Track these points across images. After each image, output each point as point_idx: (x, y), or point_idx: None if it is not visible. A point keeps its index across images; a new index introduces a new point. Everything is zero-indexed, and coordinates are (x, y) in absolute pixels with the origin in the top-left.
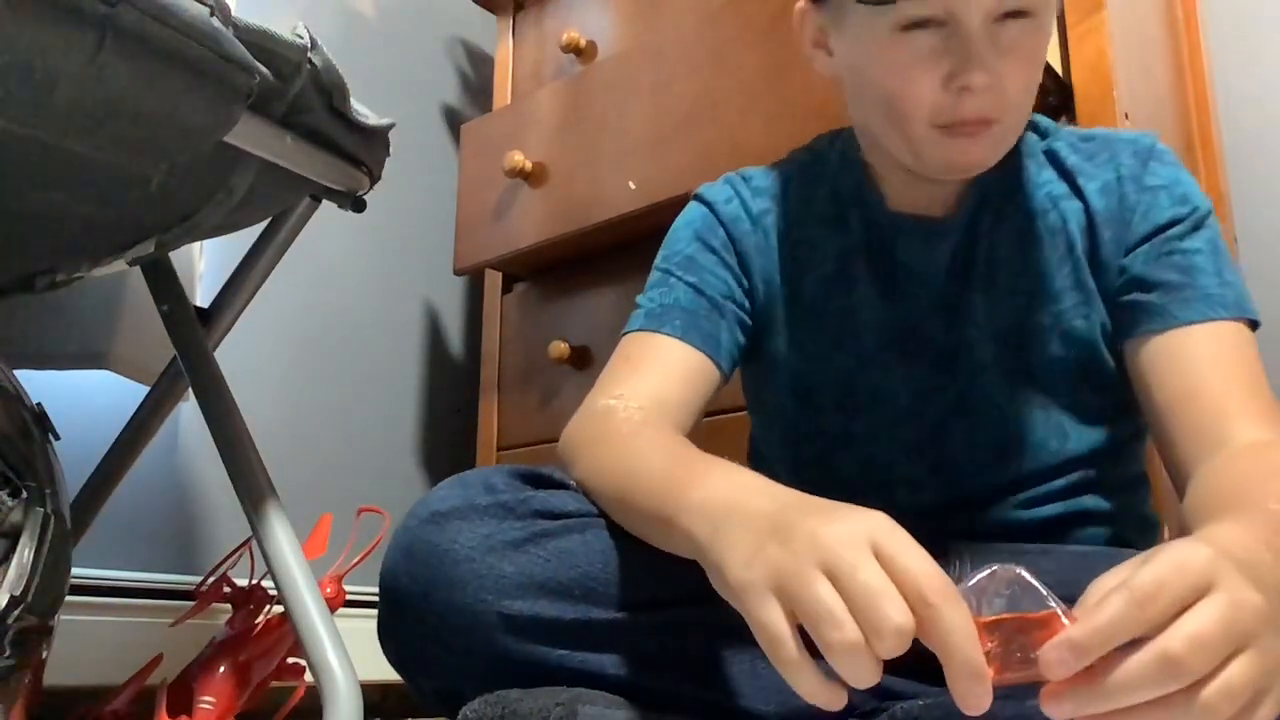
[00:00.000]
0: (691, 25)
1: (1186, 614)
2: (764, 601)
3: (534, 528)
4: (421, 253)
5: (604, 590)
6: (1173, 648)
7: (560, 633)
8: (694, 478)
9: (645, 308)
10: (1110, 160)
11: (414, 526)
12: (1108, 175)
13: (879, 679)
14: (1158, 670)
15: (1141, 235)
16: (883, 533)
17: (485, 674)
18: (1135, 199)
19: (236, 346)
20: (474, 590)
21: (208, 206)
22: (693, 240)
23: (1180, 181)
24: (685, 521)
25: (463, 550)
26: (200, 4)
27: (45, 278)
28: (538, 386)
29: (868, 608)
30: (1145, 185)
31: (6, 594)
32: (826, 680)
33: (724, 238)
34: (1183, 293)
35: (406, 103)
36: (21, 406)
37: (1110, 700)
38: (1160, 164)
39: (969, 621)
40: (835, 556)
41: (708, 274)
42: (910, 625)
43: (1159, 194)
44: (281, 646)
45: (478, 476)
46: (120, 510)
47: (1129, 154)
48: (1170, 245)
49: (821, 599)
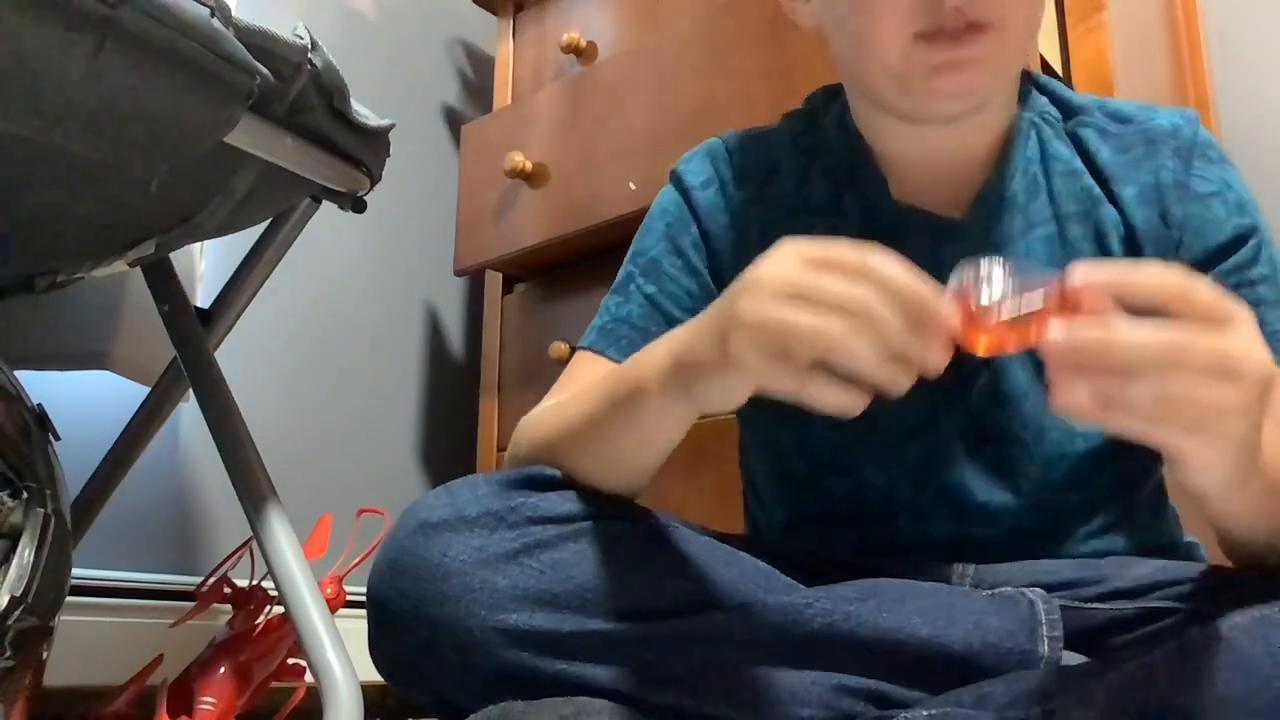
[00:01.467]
0: (691, 26)
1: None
2: (762, 365)
3: (527, 538)
4: (422, 253)
5: (600, 601)
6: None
7: (557, 645)
8: (639, 359)
9: (600, 320)
10: (1148, 159)
11: (402, 538)
12: (1145, 179)
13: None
14: (1167, 339)
15: (1199, 256)
16: (799, 249)
17: (481, 687)
18: (1183, 213)
19: (237, 347)
20: (467, 604)
21: (208, 207)
22: (662, 238)
23: (1232, 185)
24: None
25: (454, 563)
26: (201, 5)
27: (46, 278)
28: (538, 387)
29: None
30: (1193, 193)
31: (7, 594)
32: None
33: (696, 235)
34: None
35: (407, 103)
36: (22, 407)
37: (1111, 332)
38: (1207, 162)
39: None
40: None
41: (669, 281)
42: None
43: (1211, 203)
44: (282, 647)
45: (466, 485)
46: (121, 511)
47: (1169, 152)
48: (1237, 276)
49: (797, 319)
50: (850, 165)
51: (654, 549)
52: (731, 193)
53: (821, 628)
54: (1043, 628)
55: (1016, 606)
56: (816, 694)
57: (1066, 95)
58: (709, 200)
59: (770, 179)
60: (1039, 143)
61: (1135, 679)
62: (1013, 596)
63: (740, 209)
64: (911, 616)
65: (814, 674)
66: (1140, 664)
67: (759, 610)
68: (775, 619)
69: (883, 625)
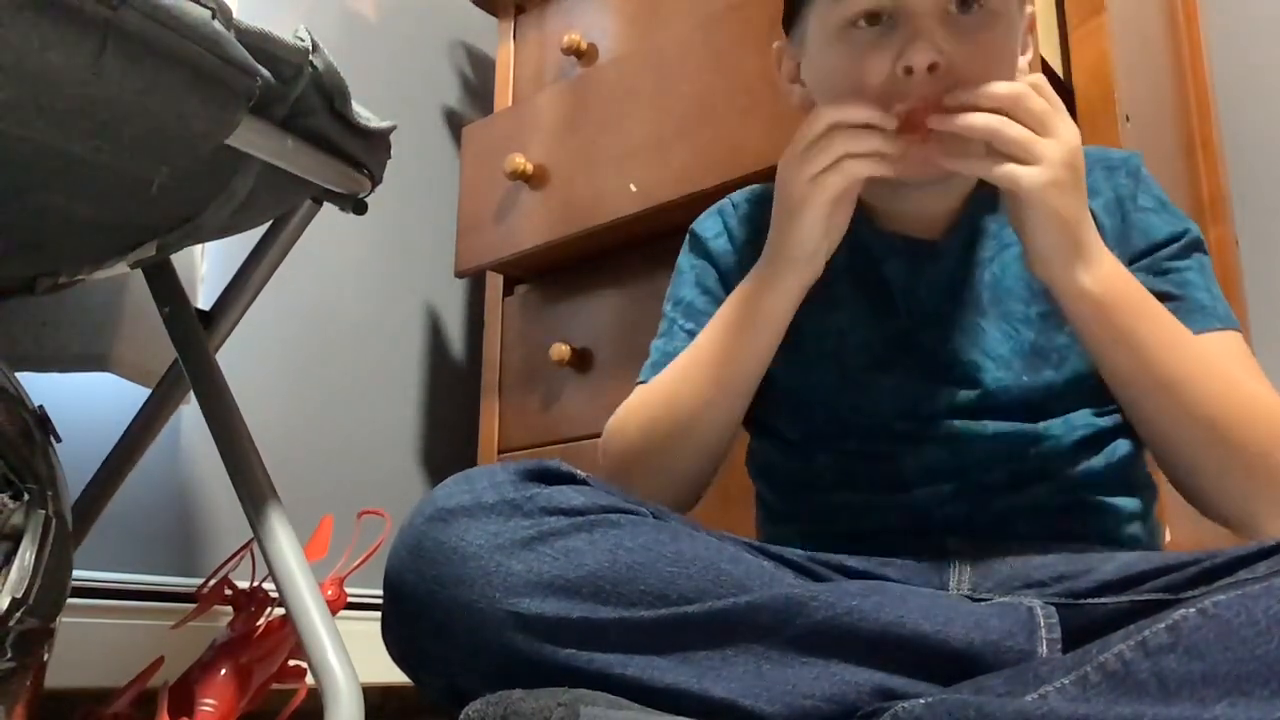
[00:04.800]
0: (692, 28)
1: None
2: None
3: (542, 526)
4: (422, 255)
5: (611, 589)
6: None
7: (567, 631)
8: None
9: (652, 358)
10: (1108, 178)
11: (420, 524)
12: (1108, 194)
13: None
14: (1009, 89)
15: (1140, 251)
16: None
17: (491, 672)
18: (1135, 217)
19: (238, 349)
20: (481, 588)
21: (209, 209)
22: (691, 285)
23: (1167, 206)
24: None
25: (470, 548)
26: (202, 7)
27: (47, 280)
28: (539, 389)
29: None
30: (1140, 205)
31: (8, 596)
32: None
33: (715, 277)
34: (1182, 304)
35: (408, 105)
36: (23, 409)
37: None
38: (1148, 185)
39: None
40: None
41: (705, 317)
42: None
43: (1151, 215)
44: (283, 649)
45: (484, 473)
46: (122, 512)
47: (1123, 174)
48: (1167, 264)
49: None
50: None
51: (664, 542)
52: (739, 242)
53: (824, 620)
54: (1041, 629)
55: (1015, 611)
56: (819, 686)
57: None
58: (721, 248)
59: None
60: None
61: (1128, 658)
62: (1011, 604)
63: (745, 254)
64: (913, 612)
65: (817, 666)
66: (1132, 644)
67: (763, 602)
68: (779, 611)
69: (884, 619)
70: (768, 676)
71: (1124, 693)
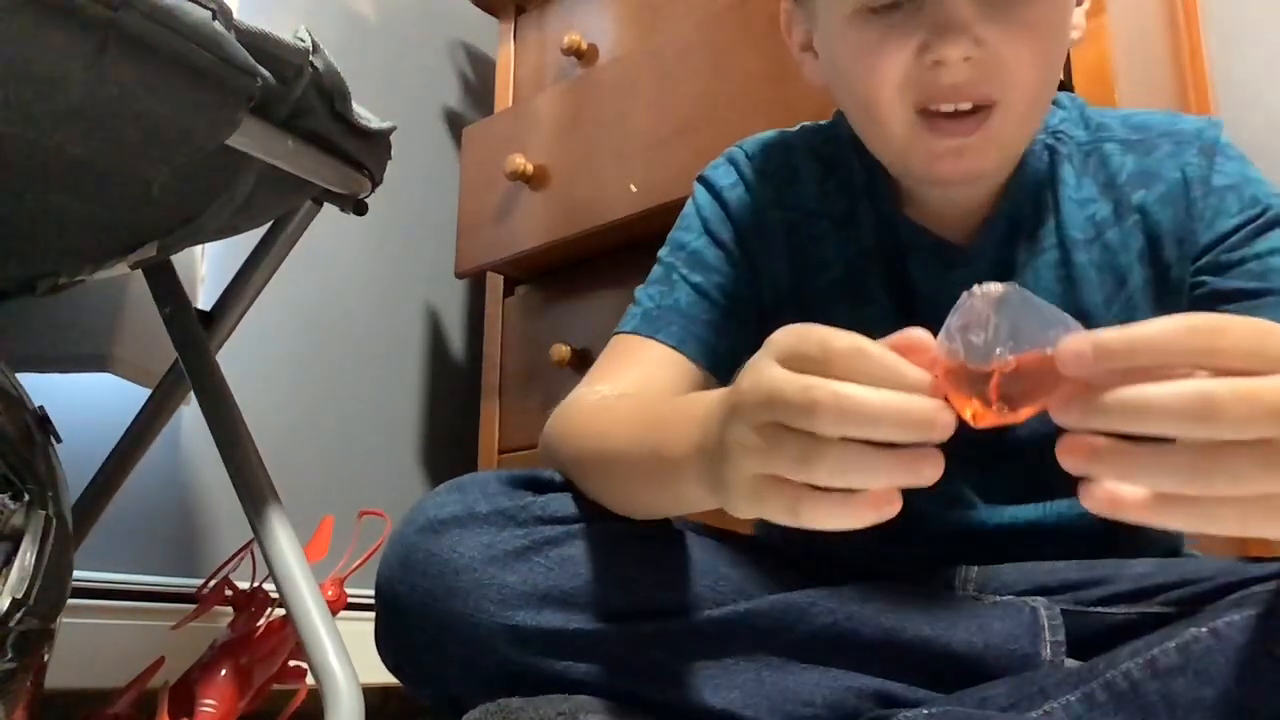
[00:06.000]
0: (693, 28)
1: (1248, 376)
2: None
3: (536, 535)
4: (423, 256)
5: (608, 599)
6: (1218, 390)
7: (564, 643)
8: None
9: (644, 306)
10: (1174, 157)
11: (411, 534)
12: (1172, 175)
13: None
14: (1189, 403)
15: (1205, 245)
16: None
17: (487, 683)
18: (1202, 204)
19: (238, 349)
20: (475, 601)
21: (209, 209)
22: (701, 232)
23: (1249, 180)
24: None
25: (463, 560)
26: (202, 7)
27: (47, 280)
28: (539, 390)
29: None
30: (1213, 186)
31: (8, 597)
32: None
33: (733, 232)
34: (1266, 300)
35: (408, 106)
36: (23, 409)
37: (1121, 418)
38: (1226, 159)
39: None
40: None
41: (714, 273)
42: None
43: (1226, 196)
44: (283, 649)
45: (475, 482)
46: (122, 513)
47: (1195, 150)
48: (1238, 254)
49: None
50: (866, 180)
51: (661, 548)
52: (756, 193)
53: (824, 626)
54: (1045, 632)
55: (1019, 613)
56: (820, 692)
57: (1088, 112)
58: (738, 199)
59: (790, 181)
60: (1050, 166)
61: (1136, 678)
62: (1015, 604)
63: (766, 209)
64: (914, 616)
65: (817, 673)
66: (1141, 662)
67: (763, 609)
68: (779, 618)
69: (885, 625)
70: (768, 684)
71: (1131, 714)
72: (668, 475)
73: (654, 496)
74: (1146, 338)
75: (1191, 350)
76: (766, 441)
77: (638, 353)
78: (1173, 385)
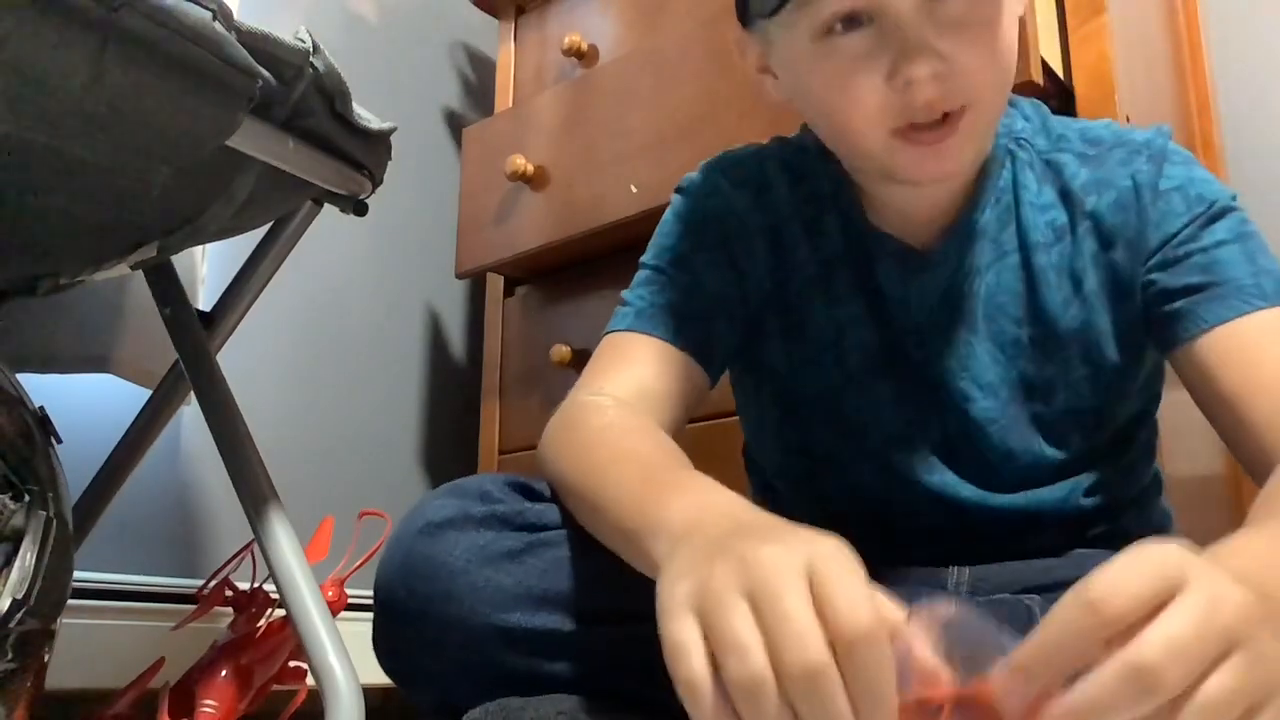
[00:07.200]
0: (693, 29)
1: (1156, 619)
2: (677, 619)
3: (531, 538)
4: (423, 256)
5: (603, 601)
6: (1144, 655)
7: (559, 644)
8: (665, 496)
9: (635, 306)
10: (1124, 165)
11: (408, 537)
12: (1123, 183)
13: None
14: (1127, 683)
15: (1154, 246)
16: (821, 559)
17: (483, 686)
18: (1152, 208)
19: (239, 350)
20: (470, 603)
21: (210, 210)
22: (684, 236)
23: (1195, 180)
24: (648, 543)
25: (459, 562)
26: (203, 8)
27: (48, 281)
28: (539, 390)
29: (781, 640)
30: (1160, 190)
31: (9, 597)
32: (725, 711)
33: (716, 234)
34: (1212, 291)
35: (408, 106)
36: (24, 410)
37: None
38: (1173, 164)
39: (886, 667)
40: (761, 582)
41: (701, 273)
42: (822, 664)
43: (1172, 197)
44: (283, 650)
45: (473, 485)
46: (122, 514)
47: (1144, 158)
48: (1185, 248)
49: (731, 624)
50: (832, 189)
51: None
52: (734, 200)
53: None
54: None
55: (1014, 611)
56: None
57: (1050, 122)
58: (718, 206)
59: (765, 189)
60: (1012, 170)
61: None
62: (1009, 601)
63: (744, 213)
64: None
65: None
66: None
67: None
68: None
69: None
70: None
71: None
72: (639, 561)
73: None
74: (1050, 643)
75: (1094, 628)
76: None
77: (632, 350)
78: (1099, 675)
